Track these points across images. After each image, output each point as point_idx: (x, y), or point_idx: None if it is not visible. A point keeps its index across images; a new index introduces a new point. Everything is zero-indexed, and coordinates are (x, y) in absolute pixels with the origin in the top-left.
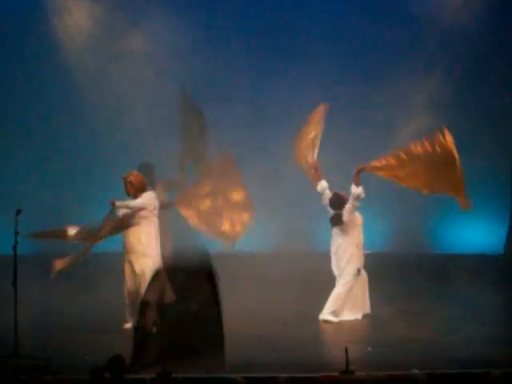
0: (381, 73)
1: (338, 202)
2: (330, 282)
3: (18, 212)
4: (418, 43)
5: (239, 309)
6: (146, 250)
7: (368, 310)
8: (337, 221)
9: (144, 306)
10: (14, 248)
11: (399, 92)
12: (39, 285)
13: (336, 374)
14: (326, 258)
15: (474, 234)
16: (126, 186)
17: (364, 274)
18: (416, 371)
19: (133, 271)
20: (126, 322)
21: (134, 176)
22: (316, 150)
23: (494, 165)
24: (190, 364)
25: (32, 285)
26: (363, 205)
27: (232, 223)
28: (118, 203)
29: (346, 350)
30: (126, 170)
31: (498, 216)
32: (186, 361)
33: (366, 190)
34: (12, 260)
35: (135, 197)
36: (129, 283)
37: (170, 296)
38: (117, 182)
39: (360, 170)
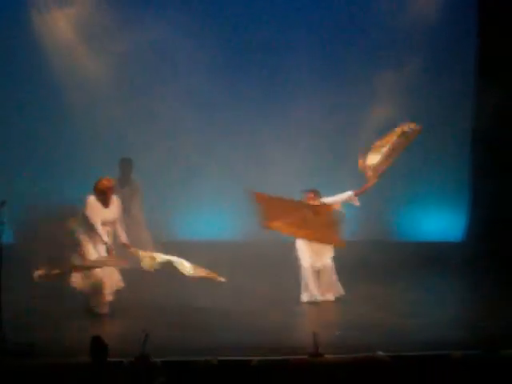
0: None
1: None
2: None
3: (2, 203)
4: (376, 36)
5: (214, 294)
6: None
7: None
8: None
9: None
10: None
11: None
12: (23, 273)
13: (305, 356)
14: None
15: (434, 222)
16: (110, 194)
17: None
18: (381, 353)
19: None
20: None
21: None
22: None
23: (453, 152)
24: None
25: (16, 273)
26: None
27: None
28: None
29: (314, 334)
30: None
31: (458, 204)
32: None
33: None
34: None
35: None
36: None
37: None
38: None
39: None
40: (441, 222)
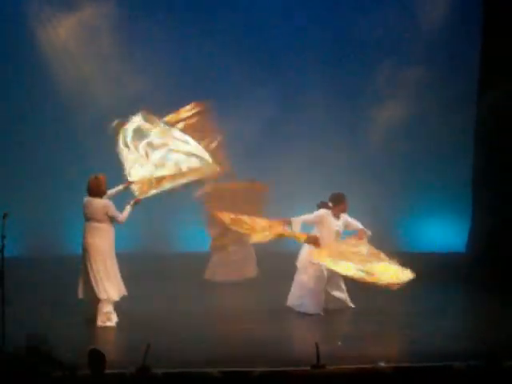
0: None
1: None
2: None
3: (5, 216)
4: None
5: (211, 306)
6: (103, 250)
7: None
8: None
9: None
10: (1, 251)
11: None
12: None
13: (307, 368)
14: None
15: (437, 233)
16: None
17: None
18: (383, 364)
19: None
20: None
21: None
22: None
23: (456, 163)
24: None
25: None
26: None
27: None
28: None
29: (317, 345)
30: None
31: (461, 215)
32: None
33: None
34: None
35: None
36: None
37: None
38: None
39: None
40: (444, 233)
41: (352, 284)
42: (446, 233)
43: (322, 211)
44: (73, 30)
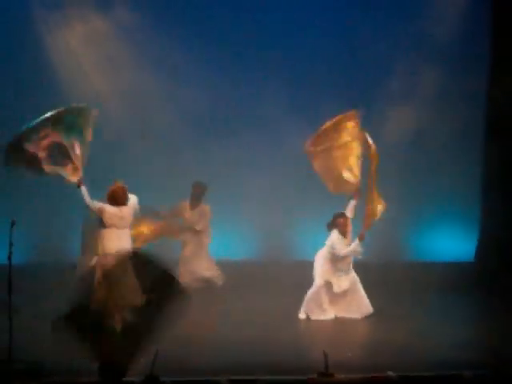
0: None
1: None
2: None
3: (13, 223)
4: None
5: (223, 313)
6: None
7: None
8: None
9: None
10: (9, 258)
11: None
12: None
13: (315, 376)
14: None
15: (446, 242)
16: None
17: None
18: (391, 373)
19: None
20: None
21: None
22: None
23: (465, 171)
24: None
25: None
26: None
27: None
28: None
29: (325, 353)
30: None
31: (469, 224)
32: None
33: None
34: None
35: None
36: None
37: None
38: None
39: None
40: (452, 242)
41: None
42: (455, 242)
43: None
44: (81, 34)
